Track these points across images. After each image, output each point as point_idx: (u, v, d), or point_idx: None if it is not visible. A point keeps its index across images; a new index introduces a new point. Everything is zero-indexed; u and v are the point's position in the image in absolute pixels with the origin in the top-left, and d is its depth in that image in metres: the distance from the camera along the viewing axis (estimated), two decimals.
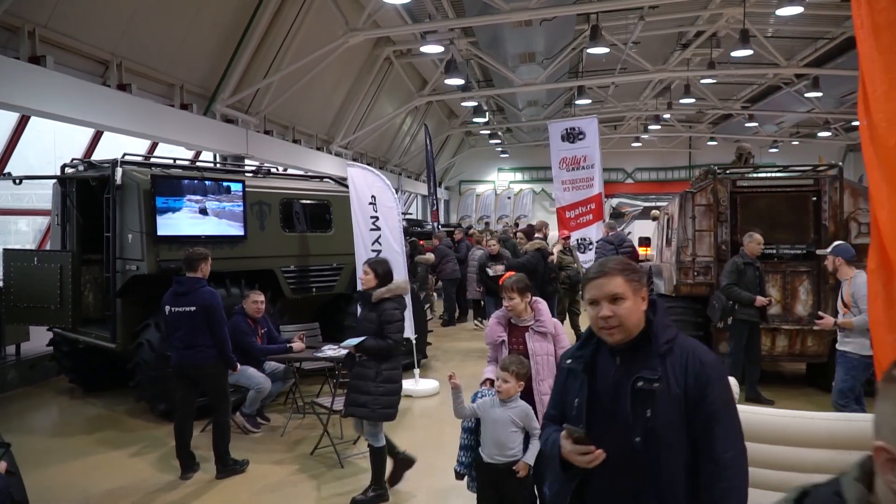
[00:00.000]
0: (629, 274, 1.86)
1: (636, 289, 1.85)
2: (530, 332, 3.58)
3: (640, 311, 1.85)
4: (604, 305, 1.84)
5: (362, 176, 7.33)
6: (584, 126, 11.28)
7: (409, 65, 16.48)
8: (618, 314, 1.81)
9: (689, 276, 7.02)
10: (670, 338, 1.84)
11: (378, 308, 4.38)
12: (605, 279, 1.86)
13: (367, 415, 4.27)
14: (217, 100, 10.00)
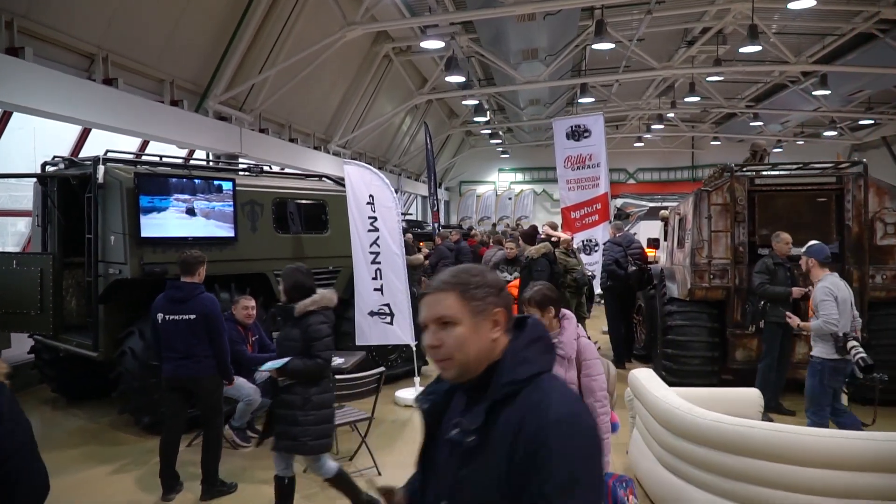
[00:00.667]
0: (471, 291, 1.41)
1: (479, 310, 1.40)
2: None
3: (486, 340, 1.40)
4: (430, 330, 1.43)
5: (359, 174, 6.97)
6: (590, 124, 10.92)
7: (409, 62, 16.12)
8: (447, 344, 1.39)
9: (704, 280, 6.66)
10: (518, 378, 1.36)
11: (302, 323, 3.88)
12: (434, 296, 1.44)
13: (299, 449, 3.75)
14: (209, 96, 9.63)
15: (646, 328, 8.79)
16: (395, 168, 21.40)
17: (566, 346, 3.11)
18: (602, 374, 3.08)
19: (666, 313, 6.92)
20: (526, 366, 1.38)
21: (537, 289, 3.18)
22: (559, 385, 1.39)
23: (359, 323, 6.95)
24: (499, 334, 1.43)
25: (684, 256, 7.13)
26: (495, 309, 1.43)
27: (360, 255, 6.92)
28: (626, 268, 8.24)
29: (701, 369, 6.72)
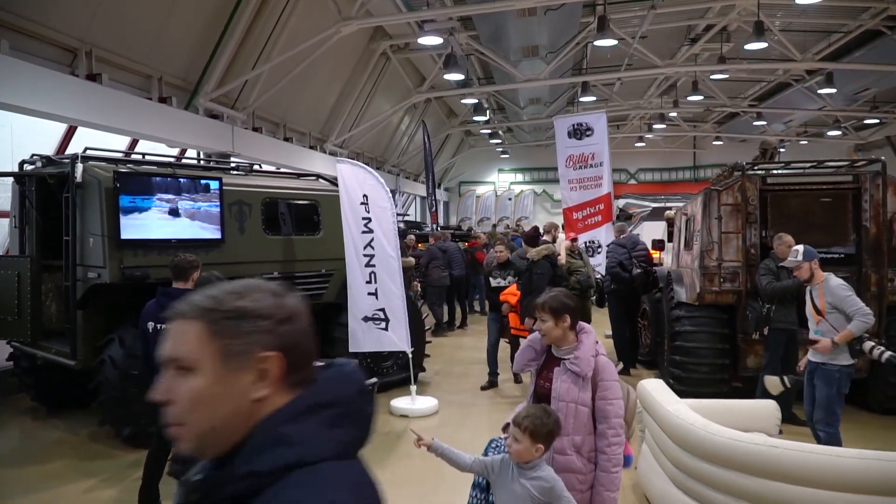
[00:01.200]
0: (225, 321, 0.96)
1: (233, 352, 0.95)
2: (561, 368, 2.81)
3: (241, 400, 0.95)
4: (164, 375, 0.98)
5: (353, 173, 6.66)
6: (592, 122, 10.62)
7: (407, 60, 15.83)
8: (178, 400, 0.96)
9: (714, 283, 6.36)
10: (257, 470, 0.90)
11: None
12: (174, 326, 1.00)
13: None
14: (200, 93, 9.33)
15: (651, 332, 8.49)
16: (394, 168, 21.11)
17: (582, 362, 2.77)
18: (620, 399, 2.76)
19: (673, 318, 6.62)
20: (280, 450, 0.92)
21: (554, 294, 2.86)
22: (332, 483, 0.91)
23: (352, 329, 6.64)
24: (266, 392, 0.97)
25: (692, 259, 6.82)
26: (263, 353, 0.97)
27: (353, 257, 6.62)
28: (630, 270, 7.94)
29: (710, 377, 6.42)
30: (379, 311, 6.61)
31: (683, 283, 6.80)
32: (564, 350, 2.83)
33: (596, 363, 2.79)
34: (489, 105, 20.92)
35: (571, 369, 2.76)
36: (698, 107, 21.11)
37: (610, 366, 2.85)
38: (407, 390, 6.78)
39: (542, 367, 2.93)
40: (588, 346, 2.82)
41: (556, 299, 2.82)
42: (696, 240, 6.63)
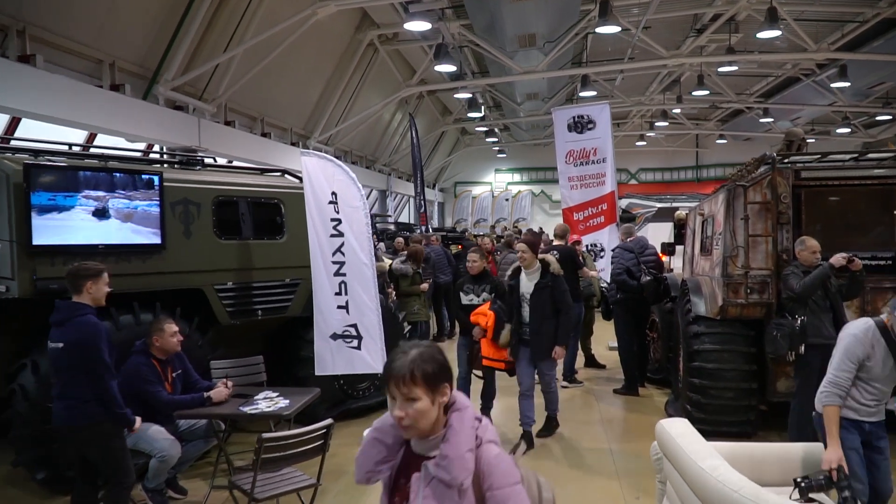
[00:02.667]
0: None
1: None
2: (423, 474, 1.65)
3: None
4: None
5: (320, 167, 5.75)
6: (595, 114, 9.72)
7: (396, 52, 14.94)
8: None
9: (739, 295, 5.45)
10: None
11: None
12: None
13: None
14: (159, 81, 8.42)
15: (661, 346, 7.59)
16: (385, 168, 20.21)
17: (453, 464, 1.60)
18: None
19: (691, 335, 5.71)
20: None
21: (424, 350, 1.69)
22: None
23: (319, 348, 5.73)
24: None
25: (712, 266, 5.92)
26: None
27: (320, 265, 5.71)
28: (638, 278, 7.03)
29: (735, 404, 5.52)
30: (350, 328, 5.70)
31: (702, 294, 5.89)
32: (428, 443, 1.70)
33: (479, 462, 1.65)
34: (484, 101, 20.02)
35: (438, 476, 1.62)
36: (703, 103, 20.24)
37: (503, 463, 1.67)
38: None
39: (399, 472, 1.76)
40: (463, 435, 1.65)
41: (433, 359, 1.68)
42: (718, 244, 5.73)
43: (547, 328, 5.46)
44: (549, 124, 22.42)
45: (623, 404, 6.91)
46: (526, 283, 5.54)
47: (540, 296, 5.45)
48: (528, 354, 5.52)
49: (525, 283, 5.55)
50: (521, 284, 5.57)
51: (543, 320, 5.45)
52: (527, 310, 5.50)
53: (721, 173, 28.75)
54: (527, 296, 5.51)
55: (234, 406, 4.30)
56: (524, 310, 5.53)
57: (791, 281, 4.92)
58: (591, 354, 8.56)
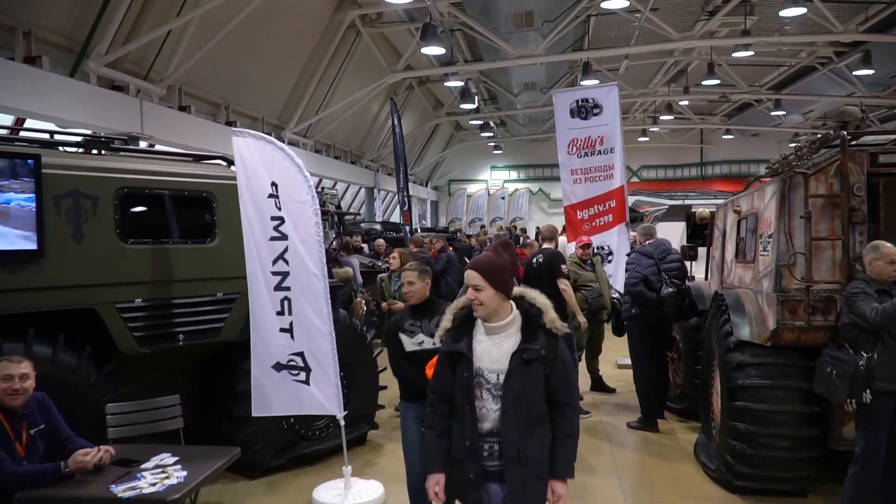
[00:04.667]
0: None
1: None
2: None
3: None
4: None
5: (257, 150, 4.50)
6: (601, 97, 8.48)
7: (381, 35, 13.67)
8: None
9: (798, 315, 4.21)
10: None
11: None
12: None
13: None
14: (90, 54, 7.13)
15: (684, 368, 6.35)
16: (372, 163, 18.95)
17: None
18: None
19: (733, 366, 4.47)
20: None
21: None
22: None
23: (257, 382, 4.48)
24: None
25: (757, 277, 4.68)
26: None
27: (258, 276, 4.46)
28: (659, 289, 5.78)
29: (791, 456, 4.28)
30: (295, 357, 4.45)
31: (745, 313, 4.63)
32: None
33: None
34: (478, 92, 18.75)
35: None
36: (712, 94, 19.00)
37: None
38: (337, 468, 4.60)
39: None
40: None
41: None
42: (768, 249, 4.48)
43: (536, 449, 2.50)
44: (547, 117, 21.20)
45: (641, 444, 5.66)
46: (489, 350, 2.54)
47: (522, 378, 2.49)
48: (499, 499, 2.59)
49: (487, 352, 2.54)
50: (478, 353, 2.55)
51: (529, 430, 2.51)
52: (493, 407, 2.53)
53: (727, 170, 27.61)
54: (492, 378, 2.53)
55: (105, 484, 3.03)
56: (484, 407, 2.54)
57: (860, 305, 3.69)
58: (598, 376, 7.32)
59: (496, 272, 2.51)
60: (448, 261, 9.37)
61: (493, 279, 2.49)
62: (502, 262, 2.55)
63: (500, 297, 2.51)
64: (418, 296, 3.61)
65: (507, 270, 2.55)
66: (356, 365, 5.47)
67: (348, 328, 5.44)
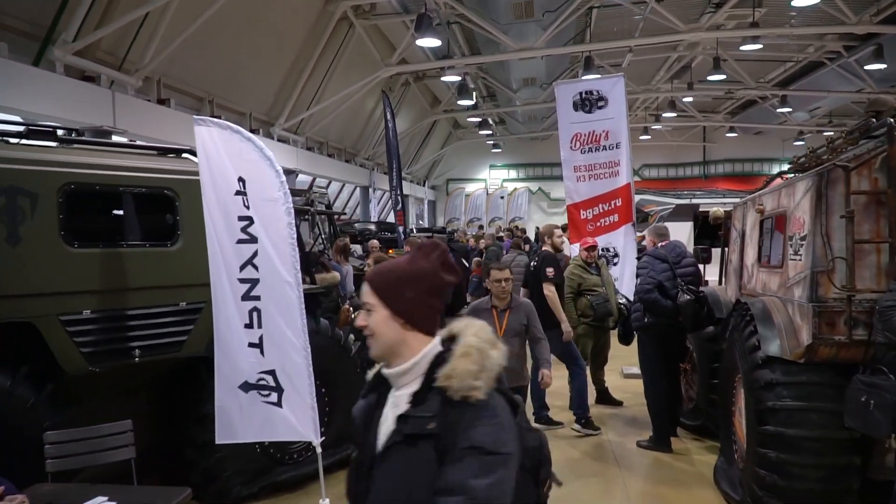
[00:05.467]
0: None
1: None
2: None
3: None
4: None
5: (222, 141, 3.97)
6: (606, 88, 7.95)
7: (375, 28, 13.16)
8: None
9: (837, 329, 3.70)
10: None
11: None
12: None
13: None
14: (56, 41, 6.61)
15: (697, 381, 5.84)
16: (368, 162, 18.43)
17: None
18: None
19: (761, 385, 3.95)
20: None
21: None
22: None
23: (222, 403, 3.95)
24: None
25: (786, 284, 4.17)
26: None
27: (224, 284, 3.94)
28: (674, 296, 5.26)
29: (828, 488, 3.77)
30: (266, 375, 3.92)
31: (774, 324, 4.11)
32: None
33: None
34: (476, 88, 18.23)
35: None
36: (717, 89, 18.48)
37: None
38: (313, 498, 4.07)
39: None
40: None
41: None
42: (800, 252, 3.96)
43: None
44: (547, 114, 20.69)
45: (653, 468, 5.14)
46: (386, 416, 1.60)
47: (396, 469, 1.50)
48: None
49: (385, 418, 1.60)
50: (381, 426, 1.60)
51: None
52: None
53: (730, 169, 27.12)
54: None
55: None
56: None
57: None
58: (604, 388, 6.80)
59: (395, 286, 1.55)
60: None
61: (389, 296, 1.55)
62: (413, 271, 1.57)
63: (402, 327, 1.54)
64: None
65: (422, 286, 1.56)
66: (339, 380, 4.96)
67: (331, 340, 4.93)
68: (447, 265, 1.59)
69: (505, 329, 4.29)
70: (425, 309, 1.56)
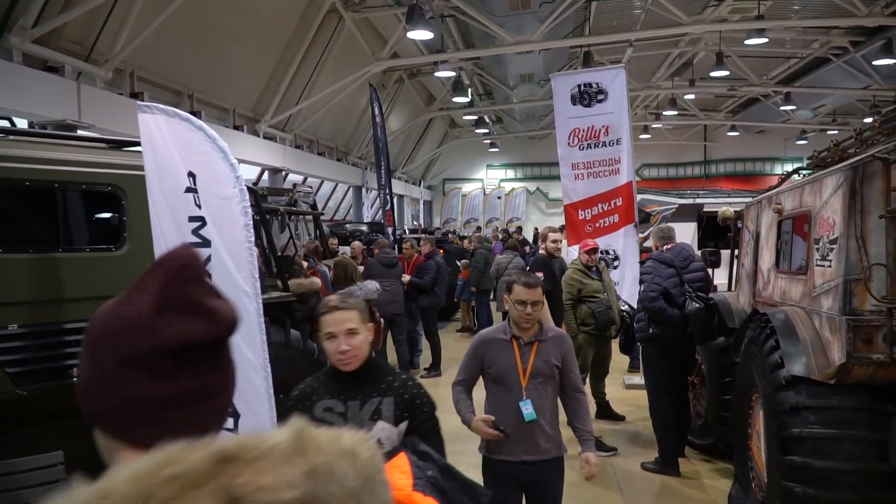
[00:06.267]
0: None
1: None
2: None
3: None
4: None
5: (170, 130, 3.48)
6: (606, 81, 7.48)
7: (365, 21, 12.67)
8: None
9: (874, 346, 3.23)
10: None
11: None
12: None
13: None
14: (12, 29, 6.12)
15: (708, 397, 5.36)
16: (360, 160, 17.94)
17: None
18: None
19: (786, 409, 3.47)
20: None
21: None
22: None
23: None
24: None
25: (811, 293, 3.69)
26: None
27: None
28: (682, 304, 4.79)
29: None
30: None
31: (798, 339, 3.63)
32: None
33: None
34: (472, 84, 17.76)
35: None
36: (719, 87, 18.02)
37: None
38: None
39: None
40: None
41: None
42: (830, 257, 3.48)
43: None
44: (545, 113, 20.22)
45: (661, 494, 4.66)
46: None
47: None
48: None
49: None
50: None
51: None
52: None
53: (731, 169, 26.69)
54: None
55: None
56: None
57: None
58: (605, 402, 6.31)
59: (86, 353, 0.82)
60: (437, 269, 8.37)
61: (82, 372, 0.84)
62: (112, 324, 0.80)
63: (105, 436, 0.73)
64: (360, 356, 2.10)
65: (118, 351, 0.78)
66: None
67: (301, 354, 4.44)
68: (182, 303, 0.79)
69: (530, 371, 2.91)
70: (125, 400, 0.79)
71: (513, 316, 2.94)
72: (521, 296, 2.85)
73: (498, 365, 2.93)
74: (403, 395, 2.14)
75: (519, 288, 2.87)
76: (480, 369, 3.00)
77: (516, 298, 2.86)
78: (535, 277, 2.98)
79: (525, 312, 2.86)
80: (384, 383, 2.16)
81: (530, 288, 2.86)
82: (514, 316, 2.92)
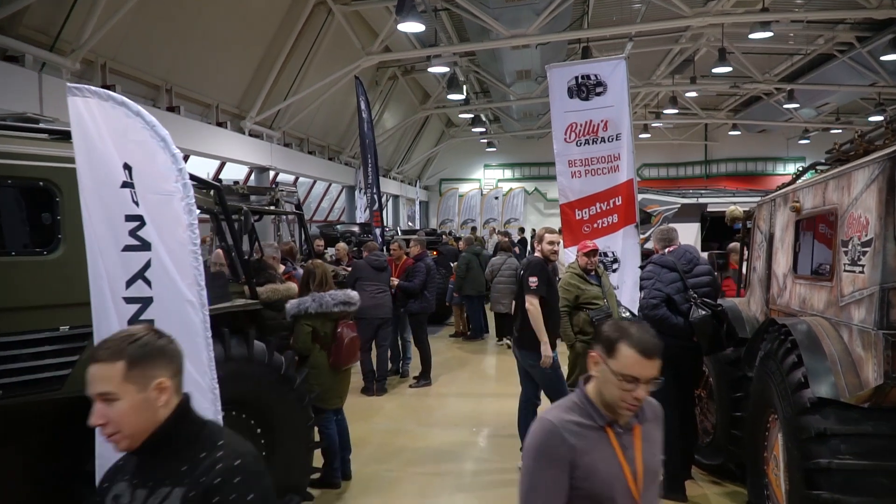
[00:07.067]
0: None
1: None
2: None
3: None
4: None
5: (104, 116, 3.04)
6: (606, 73, 7.04)
7: (356, 14, 12.23)
8: None
9: None
10: None
11: None
12: None
13: None
14: None
15: (715, 412, 4.93)
16: (353, 160, 17.48)
17: None
18: None
19: (811, 435, 3.03)
20: None
21: None
22: None
23: (104, 459, 3.00)
24: None
25: (837, 303, 3.25)
26: None
27: (106, 304, 3.01)
28: (687, 312, 4.35)
29: None
30: None
31: (824, 356, 3.19)
32: None
33: None
34: (468, 82, 17.33)
35: None
36: (721, 83, 17.58)
37: None
38: None
39: None
40: None
41: None
42: (862, 262, 3.05)
43: None
44: (543, 111, 19.78)
45: None
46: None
47: None
48: None
49: None
50: None
51: None
52: None
53: (732, 169, 26.27)
54: None
55: None
56: None
57: None
58: None
59: None
60: (427, 272, 7.93)
61: None
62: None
63: None
64: (127, 432, 1.58)
65: None
66: (279, 418, 4.04)
67: (267, 368, 4.00)
68: None
69: (642, 475, 1.90)
70: None
71: (610, 395, 1.82)
72: (632, 369, 1.78)
73: (598, 475, 1.79)
74: (201, 483, 1.48)
75: (631, 354, 1.78)
76: (567, 488, 1.78)
77: (624, 371, 1.78)
78: (656, 340, 1.85)
79: (634, 396, 1.79)
80: (188, 464, 1.53)
81: (650, 359, 1.79)
82: (614, 396, 1.81)
